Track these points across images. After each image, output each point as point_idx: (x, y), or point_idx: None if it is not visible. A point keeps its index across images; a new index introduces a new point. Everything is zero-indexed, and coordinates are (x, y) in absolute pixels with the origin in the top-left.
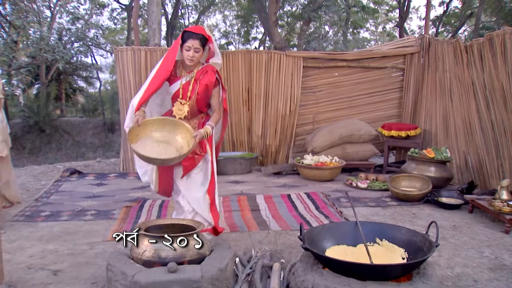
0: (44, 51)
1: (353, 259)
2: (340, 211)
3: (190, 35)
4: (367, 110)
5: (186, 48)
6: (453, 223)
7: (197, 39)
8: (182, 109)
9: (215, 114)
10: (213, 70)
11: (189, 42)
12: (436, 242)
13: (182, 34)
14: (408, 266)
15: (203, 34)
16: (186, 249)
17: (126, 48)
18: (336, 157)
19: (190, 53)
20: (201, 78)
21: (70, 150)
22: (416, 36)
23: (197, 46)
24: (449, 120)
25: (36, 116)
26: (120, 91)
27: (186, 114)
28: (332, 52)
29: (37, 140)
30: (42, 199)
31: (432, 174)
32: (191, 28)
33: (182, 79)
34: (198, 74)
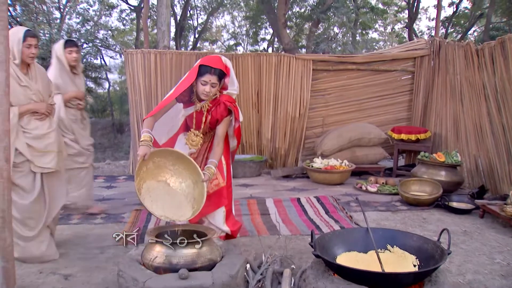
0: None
1: (364, 266)
2: (350, 215)
3: (208, 69)
4: (376, 113)
5: (202, 82)
6: (464, 228)
7: (215, 74)
8: (195, 141)
9: (218, 148)
10: (226, 104)
11: (206, 77)
12: (448, 249)
13: (199, 67)
14: (420, 274)
15: (221, 68)
16: (197, 256)
17: (136, 51)
18: (345, 161)
19: (207, 88)
20: (213, 110)
21: None
22: (425, 39)
23: (214, 82)
24: (460, 123)
25: None
26: (130, 94)
27: (199, 147)
28: (341, 55)
29: None
30: None
31: (443, 178)
32: (209, 61)
33: (196, 106)
34: (211, 105)
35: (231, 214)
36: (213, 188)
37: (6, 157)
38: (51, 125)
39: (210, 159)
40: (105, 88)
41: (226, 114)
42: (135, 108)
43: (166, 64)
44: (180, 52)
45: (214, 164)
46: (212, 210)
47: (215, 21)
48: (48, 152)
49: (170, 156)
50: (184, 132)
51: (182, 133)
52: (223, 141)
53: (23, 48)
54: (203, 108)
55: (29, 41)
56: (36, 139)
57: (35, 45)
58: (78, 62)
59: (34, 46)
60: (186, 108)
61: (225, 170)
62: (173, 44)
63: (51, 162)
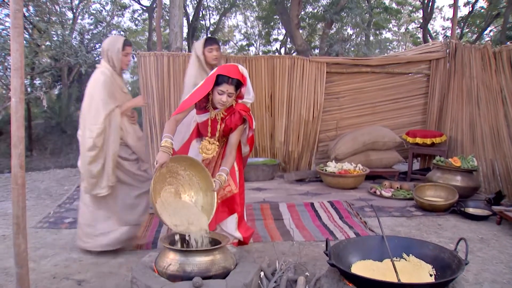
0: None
1: (380, 275)
2: (365, 221)
3: (226, 79)
4: (391, 116)
5: (219, 91)
6: (481, 235)
7: (232, 84)
8: (211, 149)
9: (230, 156)
10: (241, 114)
11: (223, 87)
12: (466, 259)
13: (216, 76)
14: (437, 285)
15: (239, 78)
16: (211, 264)
17: (148, 54)
18: (359, 165)
19: (224, 98)
20: (227, 119)
21: None
22: (441, 41)
23: (231, 91)
24: (476, 127)
25: (58, 117)
26: (142, 96)
27: (214, 155)
28: (356, 58)
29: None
30: (65, 205)
31: (458, 184)
32: (226, 71)
33: (211, 113)
34: (226, 113)
35: (243, 220)
36: (226, 195)
37: (21, 163)
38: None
39: (222, 166)
40: None
41: (240, 123)
42: (148, 111)
43: (179, 66)
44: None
45: (226, 172)
46: (225, 217)
47: (227, 21)
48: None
49: (184, 162)
50: (197, 139)
51: (195, 140)
52: (236, 149)
53: (122, 56)
54: (217, 116)
55: (127, 49)
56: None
57: (131, 53)
58: (218, 60)
59: (130, 53)
60: (200, 114)
61: (238, 176)
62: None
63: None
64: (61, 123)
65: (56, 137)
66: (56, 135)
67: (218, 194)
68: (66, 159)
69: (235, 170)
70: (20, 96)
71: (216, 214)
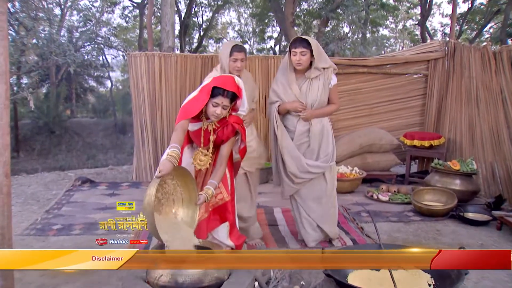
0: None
1: (377, 285)
2: (361, 226)
3: (221, 91)
4: (388, 118)
5: (214, 103)
6: (480, 241)
7: (228, 97)
8: (204, 160)
9: (220, 168)
10: (234, 126)
11: (218, 99)
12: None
13: (212, 89)
14: None
15: (234, 91)
16: (204, 274)
17: (139, 54)
18: (356, 168)
19: (218, 110)
20: (220, 131)
21: (80, 152)
22: (439, 40)
23: (226, 104)
24: (475, 129)
25: (45, 117)
26: (133, 98)
27: (207, 167)
28: (352, 58)
29: (47, 142)
30: (53, 210)
31: (457, 187)
32: (222, 83)
33: (203, 124)
34: (219, 125)
35: (235, 228)
36: (218, 203)
37: (6, 172)
38: (252, 133)
39: (211, 179)
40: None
41: (232, 135)
42: (139, 113)
43: (170, 67)
44: (186, 55)
45: (214, 185)
46: (217, 225)
47: (220, 18)
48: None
49: (174, 171)
50: (188, 145)
51: (186, 146)
52: (227, 160)
53: (230, 62)
54: (209, 126)
55: (235, 55)
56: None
57: (241, 59)
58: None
59: (241, 60)
60: (192, 123)
61: (229, 183)
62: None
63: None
64: (49, 123)
65: (44, 137)
66: (44, 136)
67: (210, 203)
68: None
69: (226, 177)
70: (5, 102)
71: (208, 222)
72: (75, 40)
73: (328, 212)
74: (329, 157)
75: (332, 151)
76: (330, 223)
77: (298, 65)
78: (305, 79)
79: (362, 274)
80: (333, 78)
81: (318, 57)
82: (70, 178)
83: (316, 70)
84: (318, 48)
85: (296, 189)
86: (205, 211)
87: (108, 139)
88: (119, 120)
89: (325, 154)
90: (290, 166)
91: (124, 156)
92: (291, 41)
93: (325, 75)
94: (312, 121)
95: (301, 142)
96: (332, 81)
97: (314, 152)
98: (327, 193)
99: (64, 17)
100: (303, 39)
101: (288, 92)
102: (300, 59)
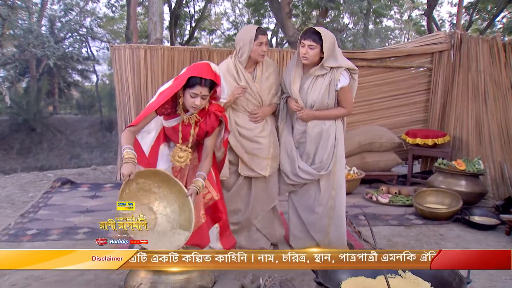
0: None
1: None
2: (359, 230)
3: (198, 80)
4: (389, 114)
5: (191, 94)
6: (487, 247)
7: (206, 86)
8: (183, 157)
9: (206, 161)
10: (217, 115)
11: (196, 89)
12: (468, 277)
13: (188, 79)
14: None
15: (212, 78)
16: (186, 282)
17: (124, 46)
18: (354, 168)
19: (197, 101)
20: (202, 122)
21: (63, 151)
22: (445, 31)
23: (205, 93)
24: (483, 126)
25: (25, 113)
26: (117, 92)
27: (187, 163)
28: (350, 51)
29: (27, 140)
30: (28, 214)
31: (463, 189)
32: (198, 71)
33: (183, 118)
34: (200, 116)
35: (227, 229)
36: (208, 203)
37: None
38: (264, 129)
39: (199, 171)
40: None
41: (217, 125)
42: (123, 109)
43: (157, 60)
44: (173, 48)
45: (202, 176)
46: (210, 226)
47: (214, 8)
48: (255, 156)
49: (155, 177)
50: (165, 143)
51: (163, 144)
52: (212, 152)
53: (254, 46)
54: (190, 120)
55: (261, 39)
56: (251, 140)
57: (266, 43)
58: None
59: (265, 43)
60: (168, 120)
61: (216, 181)
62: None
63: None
64: (30, 120)
65: (24, 135)
66: (23, 133)
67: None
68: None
69: (212, 175)
70: None
71: (208, 225)
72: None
73: (319, 222)
74: (323, 165)
75: (329, 160)
76: (322, 232)
77: (304, 59)
78: (310, 75)
79: (357, 282)
80: (342, 79)
81: (328, 54)
82: (49, 179)
83: (322, 68)
84: (331, 44)
85: (289, 189)
86: (203, 216)
87: (94, 137)
88: (106, 117)
89: (319, 161)
90: (283, 164)
91: (111, 155)
92: (302, 31)
93: (332, 75)
94: (310, 122)
95: (300, 142)
96: (340, 82)
97: (310, 156)
98: (320, 203)
99: (45, 6)
100: (315, 31)
101: (290, 87)
102: (306, 53)
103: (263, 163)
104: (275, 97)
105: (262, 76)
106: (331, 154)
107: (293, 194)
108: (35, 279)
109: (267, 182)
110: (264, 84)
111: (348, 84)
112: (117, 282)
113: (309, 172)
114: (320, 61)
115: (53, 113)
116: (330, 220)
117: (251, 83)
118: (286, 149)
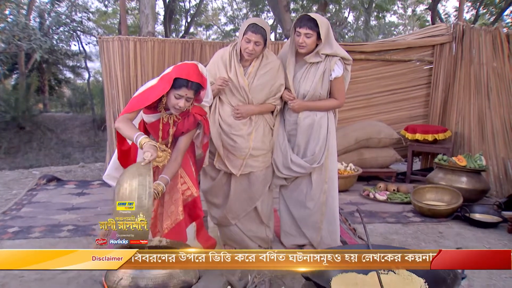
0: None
1: None
2: (354, 228)
3: (184, 83)
4: (388, 109)
5: (176, 95)
6: (488, 245)
7: (192, 88)
8: (162, 157)
9: (174, 163)
10: (196, 118)
11: (181, 91)
12: (462, 273)
13: (174, 79)
14: None
15: (198, 81)
16: (169, 277)
17: (112, 38)
18: (351, 164)
19: (181, 103)
20: (180, 122)
21: (54, 150)
22: (449, 23)
23: (190, 96)
24: (486, 121)
25: (14, 111)
26: (105, 87)
27: (165, 163)
28: (348, 43)
29: (15, 139)
30: (11, 212)
31: (464, 186)
32: (186, 73)
33: (162, 115)
34: (180, 117)
35: (203, 228)
36: (187, 199)
37: None
38: (243, 128)
39: (162, 175)
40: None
41: (193, 128)
42: (112, 104)
43: (147, 53)
44: (164, 40)
45: (165, 180)
46: (188, 224)
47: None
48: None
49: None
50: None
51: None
52: (183, 155)
53: (242, 41)
54: (169, 119)
55: (249, 36)
56: (227, 136)
57: (256, 42)
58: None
59: (255, 42)
60: (148, 114)
61: (195, 178)
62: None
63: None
64: (18, 118)
65: (13, 134)
66: (12, 132)
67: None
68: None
69: (192, 172)
70: None
71: (186, 223)
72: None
73: (311, 218)
74: (315, 157)
75: (321, 152)
76: (314, 229)
77: (301, 48)
78: (304, 64)
79: (347, 278)
80: (336, 69)
81: (325, 41)
82: (34, 176)
83: (317, 55)
84: (327, 31)
85: (281, 182)
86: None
87: (85, 135)
88: (98, 115)
89: (311, 153)
90: (275, 156)
91: (103, 154)
92: (297, 19)
93: (327, 64)
94: (301, 113)
95: (291, 134)
96: (334, 72)
97: (300, 148)
98: (312, 198)
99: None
100: (311, 18)
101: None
102: (303, 42)
103: (237, 162)
104: (271, 98)
105: (257, 73)
106: (323, 146)
107: (283, 189)
108: (13, 277)
109: (249, 180)
110: (256, 82)
111: (342, 75)
112: (98, 277)
113: (301, 165)
114: (315, 48)
115: (43, 111)
116: (322, 215)
117: (240, 77)
118: (278, 141)
